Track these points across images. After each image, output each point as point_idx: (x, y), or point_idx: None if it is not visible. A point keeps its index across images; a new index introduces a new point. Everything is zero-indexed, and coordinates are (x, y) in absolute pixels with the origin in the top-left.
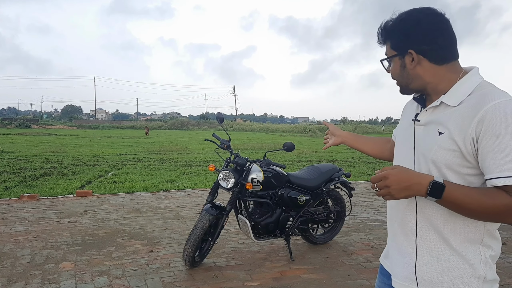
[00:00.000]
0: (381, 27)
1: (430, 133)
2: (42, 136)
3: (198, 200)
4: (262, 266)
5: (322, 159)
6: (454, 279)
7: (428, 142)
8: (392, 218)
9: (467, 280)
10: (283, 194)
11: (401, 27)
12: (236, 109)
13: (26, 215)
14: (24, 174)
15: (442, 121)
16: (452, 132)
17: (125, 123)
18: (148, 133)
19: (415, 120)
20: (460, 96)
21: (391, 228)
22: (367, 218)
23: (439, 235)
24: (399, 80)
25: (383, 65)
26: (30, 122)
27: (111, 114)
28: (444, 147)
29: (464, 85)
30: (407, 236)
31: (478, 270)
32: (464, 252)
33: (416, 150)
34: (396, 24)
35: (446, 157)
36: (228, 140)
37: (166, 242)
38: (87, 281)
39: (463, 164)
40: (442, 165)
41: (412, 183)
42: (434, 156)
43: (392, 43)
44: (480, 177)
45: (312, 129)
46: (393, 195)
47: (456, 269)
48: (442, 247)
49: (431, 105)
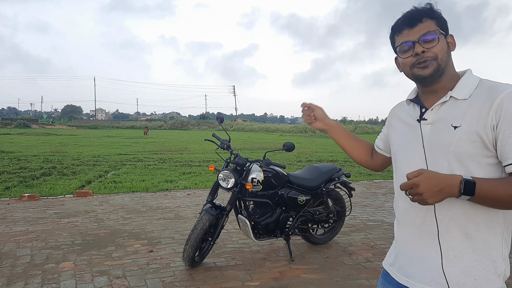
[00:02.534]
0: (417, 9)
1: (443, 129)
2: (42, 136)
3: (198, 200)
4: (262, 266)
5: (322, 159)
6: (478, 278)
7: (442, 138)
8: (407, 221)
9: (490, 278)
10: (283, 194)
11: (438, 11)
12: (236, 109)
13: (26, 215)
14: (24, 174)
15: (455, 116)
16: (471, 124)
17: (125, 123)
18: (148, 133)
19: (421, 120)
20: (468, 90)
21: (405, 232)
22: (367, 218)
23: (462, 233)
24: (442, 58)
25: (425, 39)
26: (30, 122)
27: (111, 114)
28: (464, 139)
29: (469, 81)
30: (428, 238)
31: (500, 267)
32: (488, 249)
33: (427, 149)
34: (432, 7)
35: (469, 148)
36: (228, 140)
37: (166, 242)
38: (87, 281)
39: (484, 154)
40: (465, 157)
41: (443, 186)
42: (455, 149)
43: (437, 22)
44: (499, 165)
45: (312, 129)
46: (427, 201)
47: (479, 267)
48: (465, 245)
49: (439, 102)
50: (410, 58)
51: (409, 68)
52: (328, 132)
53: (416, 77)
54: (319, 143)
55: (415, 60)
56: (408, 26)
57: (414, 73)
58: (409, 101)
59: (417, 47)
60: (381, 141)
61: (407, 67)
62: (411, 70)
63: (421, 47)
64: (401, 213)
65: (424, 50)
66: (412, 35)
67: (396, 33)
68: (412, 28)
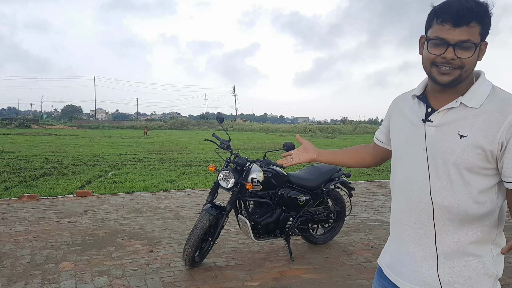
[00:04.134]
0: (472, 6)
1: (448, 135)
2: (42, 136)
3: (198, 200)
4: (262, 266)
5: None
6: (469, 279)
7: (447, 144)
8: (403, 221)
9: (480, 279)
10: (283, 194)
11: (490, 14)
12: (236, 109)
13: (26, 215)
14: (24, 174)
15: (462, 124)
16: (477, 135)
17: (125, 123)
18: (148, 133)
19: (427, 120)
20: (480, 98)
21: (401, 232)
22: (367, 218)
23: (456, 235)
24: (468, 70)
25: (461, 46)
26: (30, 122)
27: (111, 114)
28: (469, 150)
29: (481, 87)
30: (425, 239)
31: (490, 268)
32: (478, 251)
33: (429, 152)
34: (487, 8)
35: (471, 160)
36: (228, 140)
37: (166, 242)
38: (87, 281)
39: (484, 166)
40: (464, 168)
41: None
42: (457, 159)
43: (482, 29)
44: (496, 177)
45: (312, 129)
46: None
47: (470, 268)
48: (457, 247)
49: (446, 106)
50: (436, 56)
51: (429, 64)
52: (319, 158)
53: (432, 77)
54: (319, 143)
55: (439, 61)
56: (453, 23)
57: (431, 73)
58: (415, 97)
59: (449, 52)
60: (382, 134)
61: (429, 62)
62: (430, 67)
63: (453, 54)
64: (397, 213)
65: (454, 58)
66: (452, 34)
67: (437, 20)
68: (455, 28)
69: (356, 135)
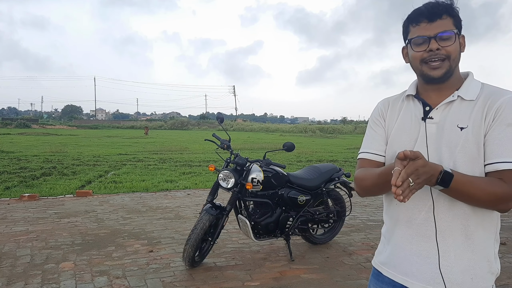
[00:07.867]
0: (439, 2)
1: (449, 129)
2: (42, 136)
3: (198, 200)
4: (262, 266)
5: (322, 159)
6: (475, 277)
7: (449, 139)
8: (404, 219)
9: (485, 277)
10: (283, 194)
11: (458, 12)
12: (236, 109)
13: (26, 215)
14: (24, 174)
15: (461, 117)
16: (475, 126)
17: (125, 123)
18: (148, 133)
19: (427, 118)
20: (475, 91)
21: (402, 230)
22: (367, 218)
23: (462, 233)
24: (454, 59)
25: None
26: (30, 122)
27: (111, 114)
28: (471, 140)
29: (473, 82)
30: (426, 237)
31: (493, 266)
32: (484, 248)
33: (430, 148)
34: (452, 3)
35: (473, 149)
36: (228, 140)
37: (166, 242)
38: (87, 281)
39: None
40: (470, 158)
41: (431, 174)
42: (462, 150)
43: (454, 20)
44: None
45: (312, 129)
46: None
47: (476, 266)
48: (465, 245)
49: (445, 101)
50: (422, 53)
51: (418, 63)
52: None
53: (425, 75)
54: (319, 143)
55: (426, 56)
56: (427, 20)
57: (423, 71)
58: (410, 97)
59: (432, 43)
60: (384, 144)
61: (417, 61)
62: (421, 66)
63: (437, 44)
64: (398, 211)
65: (438, 48)
66: (429, 29)
67: (413, 24)
68: (430, 23)
69: (356, 135)
